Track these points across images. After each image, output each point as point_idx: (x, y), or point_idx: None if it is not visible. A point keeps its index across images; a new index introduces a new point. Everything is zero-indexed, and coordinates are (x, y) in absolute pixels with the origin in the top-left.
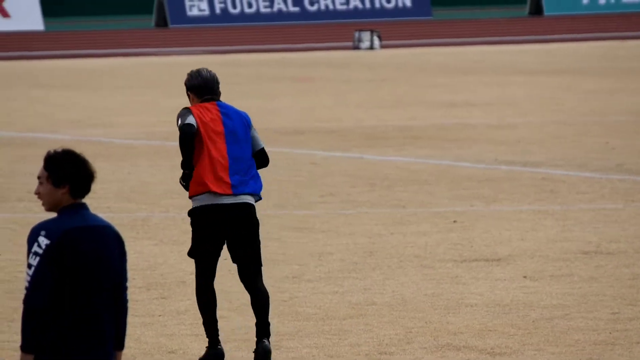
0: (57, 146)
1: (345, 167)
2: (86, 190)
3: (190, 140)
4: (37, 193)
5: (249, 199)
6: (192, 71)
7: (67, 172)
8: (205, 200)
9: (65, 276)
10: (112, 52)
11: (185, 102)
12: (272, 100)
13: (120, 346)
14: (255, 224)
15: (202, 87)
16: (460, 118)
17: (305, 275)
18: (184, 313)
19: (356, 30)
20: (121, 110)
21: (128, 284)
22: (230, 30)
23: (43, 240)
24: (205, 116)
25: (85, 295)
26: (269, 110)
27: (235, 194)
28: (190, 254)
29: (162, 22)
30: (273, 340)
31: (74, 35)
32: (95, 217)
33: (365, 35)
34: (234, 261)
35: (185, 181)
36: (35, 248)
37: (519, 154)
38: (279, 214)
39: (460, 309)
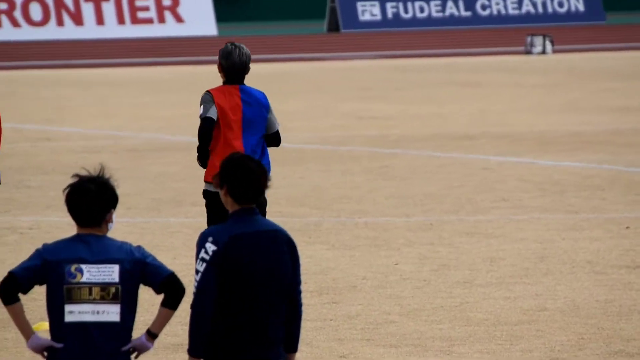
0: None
1: (517, 172)
2: (247, 195)
3: (209, 134)
4: None
5: None
6: (226, 48)
7: (225, 174)
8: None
9: (231, 281)
10: (285, 57)
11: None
12: (443, 105)
13: (293, 349)
14: (264, 205)
15: (229, 71)
16: (634, 123)
17: (477, 281)
18: (355, 317)
19: (528, 34)
20: (294, 115)
21: (301, 288)
22: (402, 34)
23: (210, 247)
24: (225, 104)
25: (251, 299)
26: (439, 115)
27: None
28: None
29: (334, 27)
30: (443, 346)
31: (246, 40)
32: (266, 222)
33: (538, 40)
34: None
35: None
36: (202, 254)
37: None
38: (452, 219)
39: (633, 315)
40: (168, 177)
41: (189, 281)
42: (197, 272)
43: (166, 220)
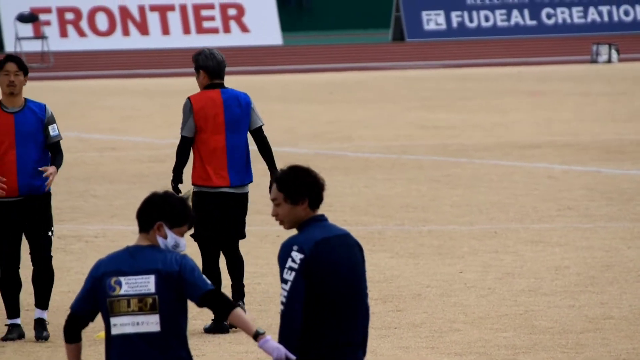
0: (295, 161)
1: (583, 180)
2: (322, 199)
3: (187, 153)
4: (275, 215)
5: (244, 189)
6: (205, 51)
7: (303, 187)
8: (206, 188)
9: (319, 286)
10: (350, 66)
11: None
12: (508, 114)
13: (363, 352)
14: (245, 207)
15: (216, 70)
16: None
17: (542, 289)
18: (420, 326)
19: (594, 43)
20: (359, 124)
21: (368, 292)
22: (467, 44)
23: (297, 255)
24: (208, 110)
25: (338, 303)
26: (504, 124)
27: (232, 186)
28: (194, 237)
29: (399, 36)
30: (508, 354)
31: (311, 50)
32: (336, 227)
33: (603, 49)
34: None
35: (175, 191)
36: (289, 263)
37: None
38: (517, 227)
39: None
40: None
41: (252, 289)
42: (285, 281)
43: None
